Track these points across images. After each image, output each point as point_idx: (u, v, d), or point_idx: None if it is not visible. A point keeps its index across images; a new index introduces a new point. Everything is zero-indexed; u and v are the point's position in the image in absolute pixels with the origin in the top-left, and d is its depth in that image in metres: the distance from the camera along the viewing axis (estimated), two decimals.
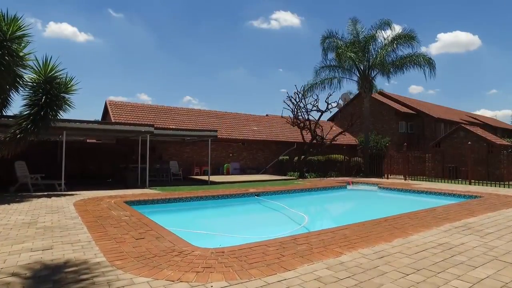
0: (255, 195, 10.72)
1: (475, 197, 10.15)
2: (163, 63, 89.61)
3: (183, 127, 19.30)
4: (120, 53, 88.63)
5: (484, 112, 76.82)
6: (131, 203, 8.42)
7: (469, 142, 16.63)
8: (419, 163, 22.68)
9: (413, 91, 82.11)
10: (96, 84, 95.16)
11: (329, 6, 77.48)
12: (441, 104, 41.94)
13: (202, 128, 18.89)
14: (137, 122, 18.43)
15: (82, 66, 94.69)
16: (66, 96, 9.48)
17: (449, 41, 73.78)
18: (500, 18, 76.31)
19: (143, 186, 12.82)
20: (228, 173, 20.15)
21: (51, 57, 9.02)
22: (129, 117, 18.88)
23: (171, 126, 19.35)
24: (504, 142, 22.15)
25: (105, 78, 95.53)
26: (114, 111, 19.06)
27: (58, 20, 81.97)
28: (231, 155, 21.35)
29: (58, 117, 9.82)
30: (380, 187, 13.41)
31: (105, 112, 21.02)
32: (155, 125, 18.94)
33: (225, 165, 20.34)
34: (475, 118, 40.42)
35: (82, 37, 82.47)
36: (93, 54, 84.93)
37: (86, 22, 76.06)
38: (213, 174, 19.85)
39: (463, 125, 23.14)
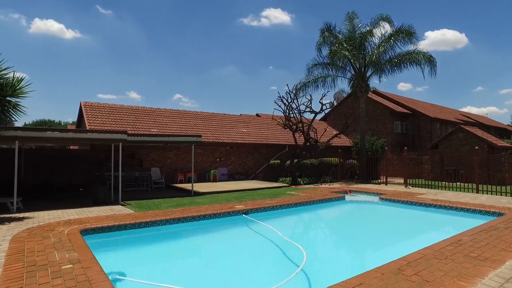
0: (243, 213, 9.29)
1: (494, 213, 8.94)
2: (153, 60, 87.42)
3: (165, 132, 17.79)
4: (109, 51, 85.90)
5: (470, 109, 77.16)
6: (90, 232, 6.91)
7: (476, 147, 15.46)
8: (416, 165, 21.60)
9: (402, 88, 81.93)
10: (84, 82, 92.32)
11: (320, 4, 76.38)
12: (430, 102, 41.05)
13: (184, 133, 17.33)
14: (115, 125, 16.85)
15: (70, 64, 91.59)
16: (13, 100, 7.86)
17: (437, 39, 73.65)
18: (486, 16, 76.58)
19: (116, 200, 11.27)
20: (215, 180, 18.68)
21: None
22: (106, 120, 17.22)
23: (153, 130, 17.81)
24: (505, 143, 21.21)
25: (94, 75, 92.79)
26: (89, 113, 17.38)
27: (44, 17, 78.99)
28: (218, 160, 19.87)
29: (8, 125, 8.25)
30: (381, 198, 12.11)
31: (80, 115, 19.29)
32: (136, 128, 17.45)
33: (211, 171, 18.85)
34: (468, 117, 39.75)
35: (69, 34, 79.52)
36: (81, 52, 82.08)
37: (73, 19, 73.27)
38: (199, 181, 18.40)
39: (461, 125, 22.12)
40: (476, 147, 15.35)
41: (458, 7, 77.46)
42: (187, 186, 15.15)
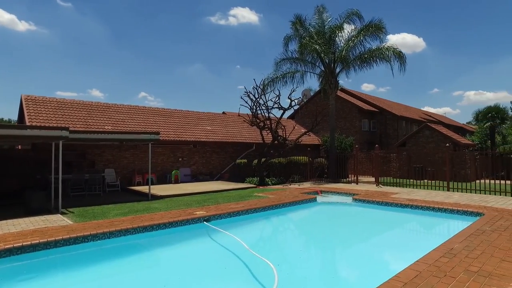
0: (204, 220, 8.12)
1: (471, 213, 8.48)
2: (117, 57, 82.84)
3: (120, 129, 16.14)
4: (69, 46, 79.95)
5: (428, 109, 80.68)
6: (3, 254, 5.44)
7: (447, 144, 15.30)
8: (384, 163, 21.45)
9: (365, 88, 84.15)
10: (41, 79, 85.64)
11: (287, 4, 76.32)
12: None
13: (139, 131, 15.79)
14: (63, 122, 14.95)
15: (25, 58, 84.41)
16: None
17: (397, 43, 76.10)
18: (441, 22, 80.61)
19: (56, 207, 9.63)
20: (176, 181, 17.26)
21: None
22: (52, 116, 15.26)
23: (107, 127, 16.06)
24: (468, 141, 21.60)
25: (52, 72, 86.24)
26: (31, 108, 15.32)
27: None
28: (180, 159, 18.45)
29: None
30: (355, 199, 11.40)
31: (22, 110, 17.05)
32: (88, 125, 15.60)
33: (173, 172, 17.40)
34: (430, 116, 40.96)
35: (22, 26, 73.02)
36: (36, 46, 75.55)
37: (26, 10, 67.25)
38: (159, 182, 16.89)
39: (427, 123, 22.28)
40: (447, 144, 15.20)
41: (417, 13, 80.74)
42: (145, 189, 13.66)
